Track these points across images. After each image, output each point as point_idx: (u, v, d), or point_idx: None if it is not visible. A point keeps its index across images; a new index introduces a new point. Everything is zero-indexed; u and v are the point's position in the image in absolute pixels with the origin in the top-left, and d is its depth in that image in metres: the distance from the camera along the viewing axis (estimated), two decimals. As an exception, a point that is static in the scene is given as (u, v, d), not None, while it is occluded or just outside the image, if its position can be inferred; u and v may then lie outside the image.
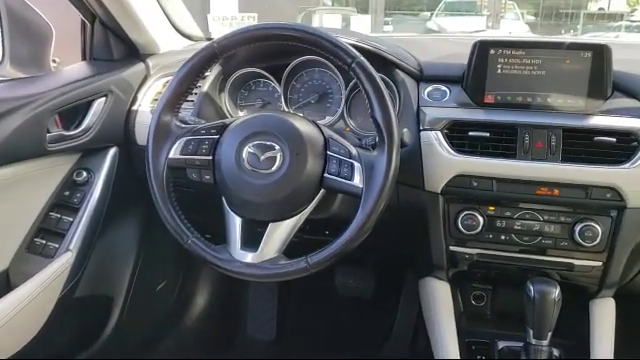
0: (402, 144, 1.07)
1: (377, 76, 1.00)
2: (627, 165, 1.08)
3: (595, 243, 1.12)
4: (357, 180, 0.99)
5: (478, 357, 1.22)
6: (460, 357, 1.19)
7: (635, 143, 1.09)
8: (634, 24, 10.91)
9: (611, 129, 1.10)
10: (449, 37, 1.60)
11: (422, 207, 1.20)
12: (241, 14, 1.59)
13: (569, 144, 1.11)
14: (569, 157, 1.10)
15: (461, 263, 1.23)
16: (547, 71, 1.16)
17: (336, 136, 1.05)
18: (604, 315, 1.21)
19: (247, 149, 1.00)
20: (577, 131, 1.11)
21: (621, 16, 11.82)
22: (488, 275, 1.29)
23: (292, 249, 1.02)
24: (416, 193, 1.19)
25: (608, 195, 1.10)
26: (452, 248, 1.21)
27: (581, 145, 1.10)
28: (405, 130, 1.09)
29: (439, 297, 1.28)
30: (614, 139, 1.09)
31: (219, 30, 1.59)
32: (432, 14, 10.37)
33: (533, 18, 12.16)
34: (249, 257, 1.02)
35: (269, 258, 1.01)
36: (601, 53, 1.13)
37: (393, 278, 1.80)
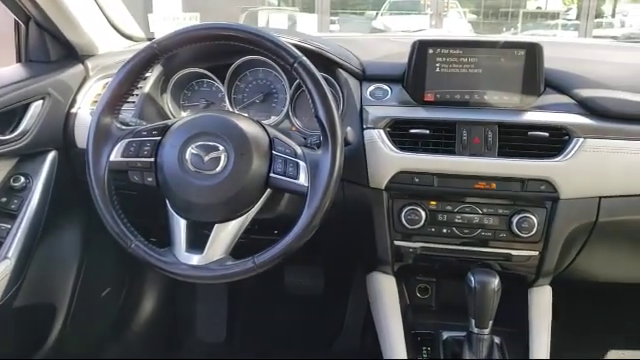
0: (346, 143, 1.08)
1: (319, 76, 1.02)
2: (559, 158, 1.13)
3: (531, 233, 1.17)
4: (302, 179, 1.00)
5: (423, 348, 1.26)
6: (406, 349, 1.21)
7: (566, 137, 1.14)
8: (570, 22, 11.40)
9: (544, 124, 1.15)
10: (390, 37, 1.63)
11: (367, 203, 1.22)
12: (183, 14, 1.57)
13: (505, 139, 1.15)
14: (505, 152, 1.15)
15: (406, 257, 1.26)
16: (484, 69, 1.20)
17: (281, 136, 1.06)
18: (541, 302, 1.27)
19: (190, 150, 0.99)
20: (512, 126, 1.15)
21: (557, 15, 12.32)
22: (432, 268, 1.32)
23: (241, 250, 1.03)
24: (361, 190, 1.21)
25: (542, 187, 1.15)
26: (397, 243, 1.24)
27: (516, 140, 1.15)
28: (349, 129, 1.11)
29: (385, 291, 1.30)
30: (547, 134, 1.14)
31: (160, 30, 1.57)
32: (377, 13, 10.52)
33: (475, 17, 12.48)
34: (195, 259, 1.02)
35: (216, 259, 1.01)
36: (533, 51, 1.17)
37: (343, 275, 1.82)
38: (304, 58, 1.01)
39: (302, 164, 1.01)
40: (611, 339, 1.79)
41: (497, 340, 1.20)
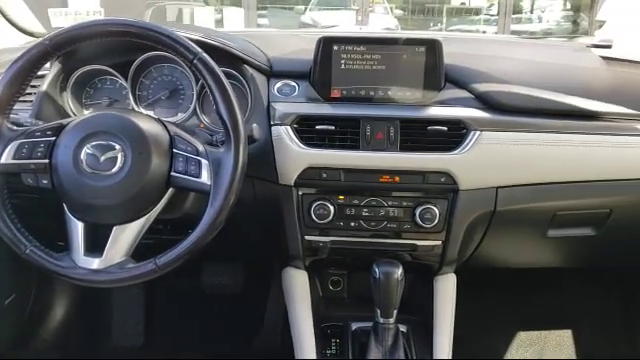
0: (252, 139, 1.09)
1: (220, 72, 1.01)
2: (457, 151, 1.18)
3: (434, 224, 1.21)
4: (205, 177, 0.99)
5: (332, 340, 1.28)
6: (315, 342, 1.23)
7: (464, 131, 1.19)
8: (492, 18, 11.85)
9: (443, 118, 1.19)
10: (300, 33, 1.64)
11: (277, 200, 1.23)
12: (86, 9, 1.51)
13: (406, 134, 1.18)
14: (407, 146, 1.18)
15: (317, 251, 1.28)
16: (387, 66, 1.22)
17: (183, 133, 1.04)
18: (446, 290, 1.32)
19: (85, 150, 0.96)
20: (413, 121, 1.19)
21: (480, 10, 12.78)
22: (344, 261, 1.35)
23: (150, 251, 1.00)
24: (271, 187, 1.22)
25: (443, 179, 1.19)
26: (307, 237, 1.25)
27: (417, 134, 1.18)
28: (254, 125, 1.11)
29: (297, 285, 1.32)
30: (445, 128, 1.18)
31: (62, 25, 1.50)
32: (306, 8, 10.53)
33: (402, 12, 12.73)
34: (95, 263, 0.99)
35: (116, 262, 0.99)
36: (433, 47, 1.21)
37: (262, 272, 1.83)
38: (204, 54, 1.00)
39: (204, 162, 1.00)
40: (516, 322, 1.89)
41: (403, 328, 1.24)
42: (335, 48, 1.22)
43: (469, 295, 1.40)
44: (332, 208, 1.21)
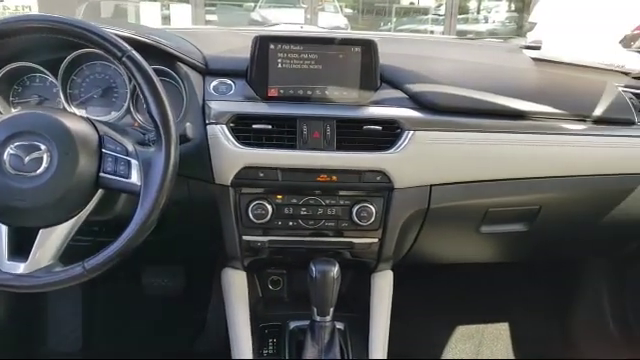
0: (185, 138, 1.08)
1: (150, 70, 0.99)
2: (392, 150, 1.19)
3: (370, 222, 1.23)
4: (135, 178, 0.98)
5: (270, 340, 1.28)
6: (252, 342, 1.23)
7: (398, 130, 1.20)
8: (440, 17, 12.11)
9: (378, 118, 1.21)
10: (240, 31, 1.63)
11: (214, 200, 1.22)
12: (15, 3, 1.45)
13: (343, 133, 1.19)
14: (343, 145, 1.19)
15: (255, 251, 1.27)
16: (323, 65, 1.23)
17: (112, 133, 1.02)
18: (382, 286, 1.34)
19: (9, 151, 0.93)
20: (349, 121, 1.20)
21: (428, 10, 13.04)
22: (284, 260, 1.35)
23: (89, 253, 0.98)
24: (207, 187, 1.20)
25: (378, 178, 1.21)
26: (245, 237, 1.25)
27: (353, 134, 1.19)
28: (188, 124, 1.09)
29: (235, 286, 1.31)
30: (380, 127, 1.20)
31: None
32: (255, 5, 10.47)
33: (351, 11, 12.83)
34: (20, 267, 0.96)
35: (43, 266, 0.96)
36: (369, 48, 1.22)
37: (203, 272, 1.81)
38: (133, 52, 0.99)
39: (134, 162, 0.99)
40: (454, 316, 1.94)
41: (340, 326, 1.26)
42: (272, 47, 1.22)
43: (407, 291, 1.43)
44: (270, 208, 1.21)
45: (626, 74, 1.46)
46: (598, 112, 1.29)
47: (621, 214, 1.38)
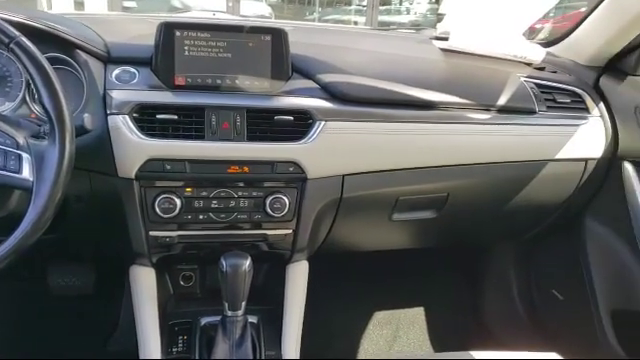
0: (84, 130, 1.02)
1: (42, 58, 0.93)
2: (304, 141, 1.18)
3: (284, 213, 1.21)
4: (26, 173, 0.91)
5: (180, 337, 1.25)
6: (161, 341, 1.19)
7: (310, 120, 1.19)
8: (364, 8, 12.28)
9: (289, 108, 1.19)
10: (147, 17, 1.56)
11: (117, 194, 1.16)
12: None
13: (253, 124, 1.17)
14: (254, 136, 1.17)
15: (164, 247, 1.23)
16: (233, 54, 1.20)
17: (1, 125, 0.95)
18: (297, 277, 1.33)
19: None
20: (260, 111, 1.18)
21: (351, 1, 13.20)
22: (197, 255, 1.31)
23: None
24: (110, 180, 1.15)
25: (291, 169, 1.19)
26: (152, 233, 1.20)
27: (264, 124, 1.17)
28: (86, 115, 1.04)
29: (142, 284, 1.26)
30: (291, 117, 1.18)
31: None
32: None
33: (276, 0, 12.76)
34: None
35: None
36: (279, 37, 1.20)
37: (114, 269, 1.73)
38: (22, 38, 0.92)
39: (25, 156, 0.92)
40: (371, 304, 1.98)
41: (253, 319, 1.24)
42: (177, 34, 1.17)
43: (324, 281, 1.43)
44: (178, 201, 1.17)
45: (528, 65, 1.53)
46: (502, 102, 1.34)
47: (524, 200, 1.45)
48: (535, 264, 1.84)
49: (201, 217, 1.20)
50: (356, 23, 12.01)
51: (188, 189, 1.19)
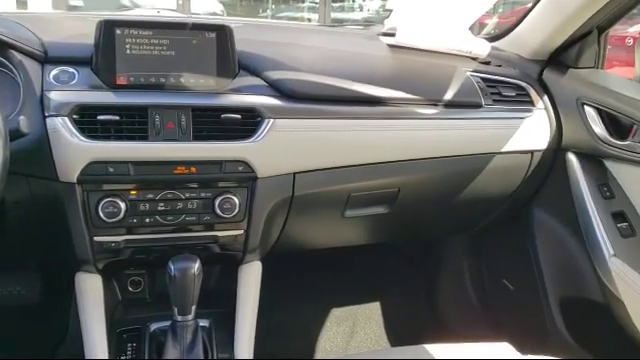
0: (20, 133, 0.98)
1: None
2: (252, 139, 1.16)
3: (234, 214, 1.19)
4: None
5: (129, 345, 1.21)
6: (109, 349, 1.16)
7: (258, 118, 1.18)
8: (317, 5, 12.29)
9: (236, 106, 1.17)
10: (88, 16, 1.50)
11: (59, 199, 1.12)
12: None
13: (199, 122, 1.14)
14: (200, 135, 1.14)
15: (109, 253, 1.19)
16: (176, 51, 1.16)
17: None
18: (250, 278, 1.31)
19: None
20: (205, 109, 1.15)
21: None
22: (145, 259, 1.27)
23: None
24: (50, 185, 1.10)
25: (240, 168, 1.17)
26: (96, 239, 1.16)
27: (210, 123, 1.15)
28: (21, 118, 0.99)
29: (88, 292, 1.22)
30: (239, 116, 1.16)
31: None
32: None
33: (228, -2, 12.60)
34: None
35: None
36: (224, 33, 1.18)
37: (61, 277, 1.67)
38: None
39: None
40: (328, 301, 1.98)
41: (205, 323, 1.22)
42: (118, 32, 1.13)
43: (280, 281, 1.42)
44: (123, 205, 1.13)
45: (474, 59, 1.55)
46: (449, 96, 1.35)
47: (473, 193, 1.47)
48: (486, 255, 1.87)
49: (147, 220, 1.17)
50: (310, 20, 12.01)
51: (133, 192, 1.15)
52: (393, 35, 1.50)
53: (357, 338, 1.90)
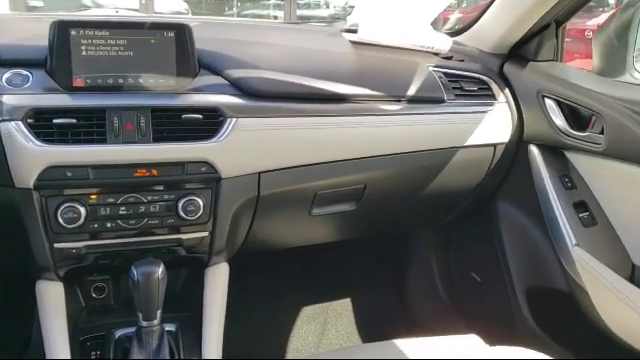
0: None
1: None
2: (215, 139, 1.15)
3: (198, 215, 1.17)
4: None
5: (93, 353, 1.18)
6: (72, 357, 1.13)
7: (221, 118, 1.16)
8: (282, 3, 12.26)
9: (197, 106, 1.15)
10: (42, 17, 1.46)
11: (16, 206, 1.08)
12: None
13: (159, 123, 1.12)
14: (161, 136, 1.12)
15: (71, 259, 1.16)
16: (135, 52, 1.14)
17: None
18: (216, 280, 1.29)
19: None
20: (165, 110, 1.13)
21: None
22: (109, 265, 1.25)
23: None
24: (6, 191, 1.07)
25: (203, 169, 1.15)
26: (56, 245, 1.13)
27: (171, 124, 1.13)
28: None
29: (49, 299, 1.19)
30: (200, 116, 1.14)
31: None
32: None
33: (193, -4, 12.48)
34: None
35: None
36: (183, 32, 1.16)
37: (22, 285, 1.62)
38: None
39: None
40: (298, 299, 1.97)
41: (171, 328, 1.20)
42: (73, 33, 1.10)
43: (248, 281, 1.40)
44: (83, 210, 1.10)
45: (436, 54, 1.56)
46: (411, 92, 1.36)
47: (438, 187, 1.48)
48: (454, 248, 1.89)
49: (109, 225, 1.14)
50: (275, 18, 11.95)
51: (93, 196, 1.12)
52: (355, 32, 1.50)
53: (329, 335, 1.90)
